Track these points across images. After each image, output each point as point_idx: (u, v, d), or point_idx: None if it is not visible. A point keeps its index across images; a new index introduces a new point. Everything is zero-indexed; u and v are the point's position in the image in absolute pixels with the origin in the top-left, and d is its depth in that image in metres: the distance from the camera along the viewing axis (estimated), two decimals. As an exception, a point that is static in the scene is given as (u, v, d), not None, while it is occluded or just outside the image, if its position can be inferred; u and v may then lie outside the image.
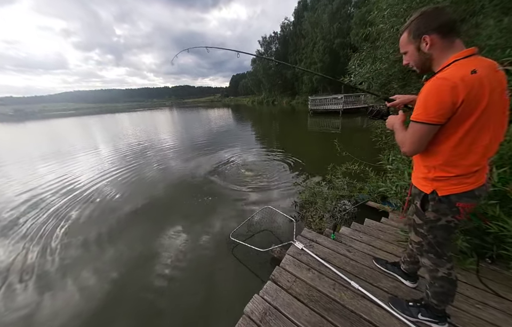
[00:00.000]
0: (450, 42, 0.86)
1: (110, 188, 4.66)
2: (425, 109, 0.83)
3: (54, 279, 2.32)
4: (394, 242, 1.97)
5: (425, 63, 0.93)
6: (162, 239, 2.86)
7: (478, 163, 0.88)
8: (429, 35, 0.86)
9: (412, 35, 0.92)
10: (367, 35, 3.49)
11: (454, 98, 0.77)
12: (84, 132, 15.60)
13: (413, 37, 0.92)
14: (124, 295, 2.10)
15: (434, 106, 0.81)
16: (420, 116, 0.85)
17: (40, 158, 7.64)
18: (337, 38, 25.94)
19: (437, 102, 0.80)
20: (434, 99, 0.81)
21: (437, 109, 0.81)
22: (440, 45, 0.86)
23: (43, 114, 70.96)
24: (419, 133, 0.88)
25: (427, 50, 0.89)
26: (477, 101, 0.78)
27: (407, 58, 0.99)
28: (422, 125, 0.85)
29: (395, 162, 2.36)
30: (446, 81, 0.78)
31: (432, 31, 0.86)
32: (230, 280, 2.19)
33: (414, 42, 0.92)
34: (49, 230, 3.20)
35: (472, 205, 0.96)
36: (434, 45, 0.87)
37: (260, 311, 1.36)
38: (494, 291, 1.42)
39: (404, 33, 0.96)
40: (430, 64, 0.92)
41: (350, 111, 15.30)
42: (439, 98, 0.80)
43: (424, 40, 0.88)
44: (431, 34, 0.86)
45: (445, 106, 0.79)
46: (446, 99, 0.78)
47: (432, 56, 0.90)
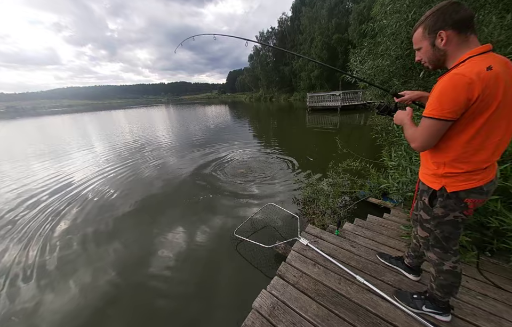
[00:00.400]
0: (466, 38, 0.85)
1: (107, 186, 4.61)
2: (440, 105, 0.83)
3: (49, 280, 2.29)
4: (397, 237, 2.01)
5: (440, 59, 0.93)
6: (164, 237, 2.86)
7: (488, 159, 0.90)
8: (445, 31, 0.86)
9: (427, 30, 0.91)
10: (366, 32, 3.49)
11: (469, 94, 0.78)
12: (79, 129, 15.34)
13: (428, 32, 0.91)
14: (125, 294, 2.09)
15: (449, 102, 0.81)
16: (433, 112, 0.85)
17: (33, 156, 7.51)
18: (335, 34, 25.84)
19: (453, 98, 0.80)
20: (450, 95, 0.80)
21: (452, 106, 0.81)
22: (456, 41, 0.86)
23: (36, 111, 69.54)
24: (432, 129, 0.88)
25: (442, 46, 0.88)
26: (492, 98, 0.79)
27: (421, 54, 0.99)
28: (435, 121, 0.86)
29: (397, 158, 2.39)
30: (463, 77, 0.78)
31: (448, 27, 0.85)
32: (235, 276, 2.21)
33: (429, 38, 0.91)
34: (42, 229, 3.16)
35: (481, 201, 0.97)
36: (450, 41, 0.86)
37: (268, 306, 1.38)
38: (494, 283, 1.47)
39: (418, 29, 0.95)
40: (444, 60, 0.92)
41: (348, 107, 15.34)
42: (455, 94, 0.79)
43: (439, 36, 0.88)
44: (448, 30, 0.85)
45: (460, 102, 0.79)
46: (462, 95, 0.78)
47: (447, 52, 0.89)
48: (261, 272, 2.19)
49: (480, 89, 0.77)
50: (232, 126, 13.14)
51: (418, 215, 1.22)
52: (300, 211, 3.19)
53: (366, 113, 13.20)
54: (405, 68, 2.87)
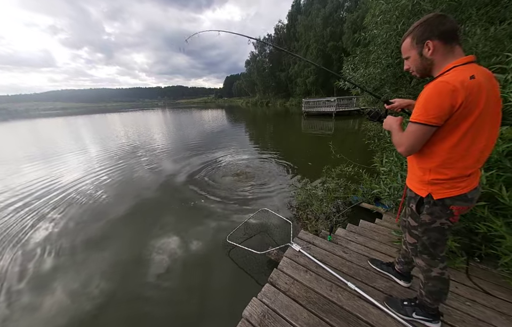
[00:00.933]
0: (451, 49, 0.89)
1: (97, 190, 4.51)
2: (425, 110, 0.86)
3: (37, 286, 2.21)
4: (388, 242, 2.02)
5: (426, 68, 0.96)
6: (155, 244, 2.79)
7: (473, 165, 0.92)
8: (432, 41, 0.89)
9: (415, 40, 0.95)
10: (359, 40, 3.59)
11: (453, 101, 0.81)
12: (71, 133, 15.06)
13: (416, 42, 0.95)
14: (114, 303, 2.02)
15: (434, 108, 0.84)
16: (420, 117, 0.88)
17: (24, 159, 7.31)
18: (330, 42, 26.44)
19: (438, 104, 0.83)
20: (435, 102, 0.84)
21: (437, 111, 0.84)
22: (442, 51, 0.90)
23: (29, 113, 68.13)
24: (417, 133, 0.91)
25: (429, 55, 0.92)
26: (475, 105, 0.82)
27: (409, 63, 1.02)
28: (420, 126, 0.89)
29: (388, 164, 2.42)
30: (447, 84, 0.81)
31: (435, 37, 0.89)
32: (227, 283, 2.17)
33: (417, 47, 0.95)
34: (23, 234, 3.06)
35: (465, 208, 0.99)
36: (436, 50, 0.90)
37: (259, 314, 1.35)
38: (483, 288, 1.48)
39: (407, 38, 0.99)
40: (431, 69, 0.96)
41: (343, 113, 15.61)
42: (439, 101, 0.83)
43: (427, 46, 0.91)
44: (434, 40, 0.89)
45: (444, 109, 0.83)
46: (446, 102, 0.82)
47: (433, 62, 0.93)
48: (253, 279, 2.16)
49: (464, 96, 0.80)
50: (228, 130, 13.15)
51: (406, 221, 1.23)
52: (294, 216, 3.18)
53: (360, 119, 13.45)
54: (396, 77, 2.95)
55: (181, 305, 1.98)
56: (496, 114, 0.89)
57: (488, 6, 2.33)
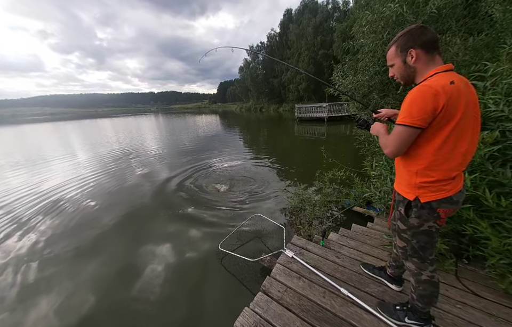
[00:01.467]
0: (432, 58, 0.95)
1: (85, 198, 4.34)
2: (410, 113, 0.90)
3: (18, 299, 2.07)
4: (380, 246, 2.03)
5: (410, 75, 1.02)
6: (145, 252, 2.69)
7: (457, 168, 0.95)
8: (415, 50, 0.95)
9: (399, 48, 1.00)
10: (348, 49, 3.70)
11: (435, 104, 0.85)
12: (60, 138, 14.57)
13: (400, 50, 1.00)
14: (102, 315, 1.93)
15: (418, 111, 0.88)
16: (405, 119, 0.92)
17: (10, 166, 6.97)
18: (321, 50, 27.25)
19: (421, 107, 0.87)
20: (419, 104, 0.87)
21: (421, 114, 0.87)
22: (424, 59, 0.95)
23: (15, 118, 65.57)
24: (402, 135, 0.94)
25: (412, 63, 0.97)
26: (455, 108, 0.86)
27: (394, 70, 1.07)
28: (406, 128, 0.92)
29: (378, 168, 2.47)
30: (430, 88, 0.85)
31: (417, 46, 0.94)
32: (219, 292, 2.10)
33: (401, 55, 1.00)
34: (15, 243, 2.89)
35: (451, 211, 1.02)
36: (419, 58, 0.96)
37: (251, 325, 1.31)
38: (472, 290, 1.50)
39: (391, 47, 1.04)
40: (414, 76, 1.01)
41: (335, 118, 15.95)
42: (423, 104, 0.86)
43: (410, 54, 0.97)
44: (417, 49, 0.94)
45: (427, 111, 0.86)
46: (429, 105, 0.85)
47: (416, 69, 0.98)
48: (245, 288, 2.10)
49: (445, 100, 0.84)
50: (221, 135, 13.11)
51: (396, 225, 1.24)
52: (287, 221, 3.16)
53: (351, 124, 13.76)
54: (383, 83, 3.05)
55: (170, 317, 1.89)
56: (476, 118, 0.93)
57: (466, 18, 2.47)
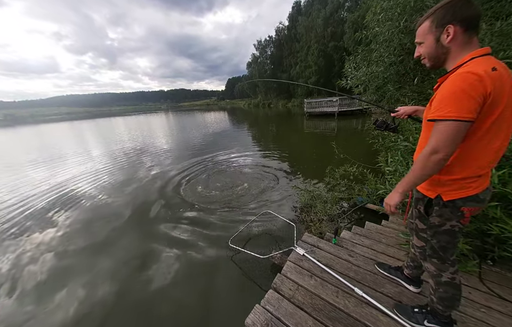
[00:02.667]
0: (470, 39, 0.83)
1: (100, 194, 4.52)
2: (457, 105, 0.75)
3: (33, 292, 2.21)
4: (396, 245, 1.95)
5: (440, 57, 0.89)
6: (157, 248, 2.76)
7: (486, 165, 0.87)
8: (454, 26, 0.82)
9: (435, 23, 0.86)
10: (361, 39, 3.54)
11: (484, 91, 0.73)
12: (78, 138, 15.27)
13: (436, 26, 0.86)
14: (113, 312, 1.98)
15: (468, 102, 0.74)
16: (451, 113, 0.76)
17: (32, 164, 7.41)
18: (331, 42, 26.41)
19: (470, 97, 0.74)
20: (467, 94, 0.74)
21: (470, 105, 0.74)
22: (460, 40, 0.83)
23: (34, 118, 69.41)
24: (451, 132, 0.78)
25: (447, 42, 0.85)
26: (499, 98, 0.75)
27: (422, 49, 0.94)
28: (454, 123, 0.77)
29: (393, 163, 2.37)
30: (474, 75, 0.74)
31: (457, 22, 0.81)
32: (230, 288, 2.12)
33: (435, 31, 0.87)
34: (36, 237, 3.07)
35: (477, 209, 0.94)
36: (455, 38, 0.83)
37: (262, 323, 1.31)
38: (498, 293, 1.41)
39: (425, 22, 0.90)
40: (445, 59, 0.88)
41: (345, 113, 15.50)
42: (472, 92, 0.74)
43: (447, 31, 0.84)
44: (456, 25, 0.81)
45: (478, 101, 0.74)
46: (478, 93, 0.73)
47: (449, 50, 0.86)
48: (256, 285, 2.11)
49: (491, 87, 0.73)
50: (230, 132, 13.16)
51: (414, 224, 1.18)
52: (297, 218, 3.13)
53: (363, 118, 13.31)
54: (399, 74, 2.89)
55: (181, 312, 1.93)
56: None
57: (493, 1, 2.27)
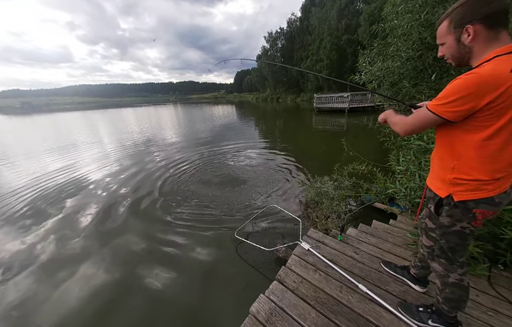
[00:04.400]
0: (496, 35, 0.77)
1: (116, 182, 4.72)
2: (443, 101, 0.81)
3: None
4: (403, 245, 1.93)
5: (464, 56, 0.85)
6: (162, 235, 2.86)
7: (502, 170, 0.83)
8: (473, 26, 0.78)
9: (453, 24, 0.83)
10: (377, 32, 3.40)
11: (479, 95, 0.74)
12: (94, 127, 15.80)
13: (454, 27, 0.83)
14: (119, 298, 2.05)
15: (457, 101, 0.78)
16: (437, 108, 0.83)
17: (45, 152, 7.79)
18: (345, 35, 25.45)
19: (463, 96, 0.76)
20: (457, 94, 0.77)
21: (455, 105, 0.78)
22: (484, 37, 0.78)
23: (50, 107, 72.08)
24: (425, 120, 0.88)
25: (468, 42, 0.81)
26: None
27: (444, 49, 0.91)
28: (434, 116, 0.85)
29: (405, 163, 2.31)
30: (476, 77, 0.74)
31: (477, 21, 0.77)
32: (235, 278, 2.18)
33: (454, 32, 0.84)
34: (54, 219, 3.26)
35: (491, 213, 0.91)
36: (477, 36, 0.79)
37: (266, 311, 1.35)
38: (506, 298, 1.38)
39: (443, 22, 0.88)
40: (469, 58, 0.85)
41: (357, 109, 15.06)
42: (461, 94, 0.76)
43: (466, 31, 0.80)
44: (476, 25, 0.77)
45: (470, 102, 0.76)
46: (469, 97, 0.75)
47: (472, 49, 0.82)
48: (260, 276, 2.16)
49: (497, 92, 0.71)
50: (238, 126, 13.18)
51: (424, 223, 1.16)
52: (303, 214, 3.14)
53: (374, 115, 12.91)
54: (416, 70, 2.77)
55: (188, 298, 2.01)
56: None
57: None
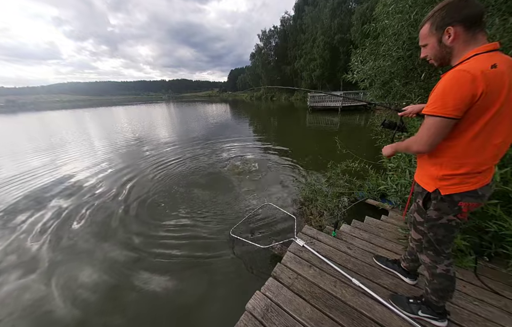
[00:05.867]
0: (474, 36, 0.82)
1: (107, 184, 4.61)
2: (443, 102, 0.81)
3: None
4: (394, 239, 1.99)
5: (445, 56, 0.90)
6: (157, 234, 2.83)
7: (487, 162, 0.88)
8: (453, 27, 0.82)
9: (434, 26, 0.88)
10: (368, 32, 3.46)
11: (473, 90, 0.76)
12: (83, 126, 15.31)
13: (435, 29, 0.88)
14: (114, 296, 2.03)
15: (453, 100, 0.79)
16: (436, 109, 0.83)
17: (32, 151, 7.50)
18: (338, 34, 25.73)
19: (457, 95, 0.78)
20: (454, 92, 0.78)
21: (456, 103, 0.78)
22: (463, 38, 0.83)
23: (36, 105, 69.27)
24: (435, 127, 0.85)
25: (449, 43, 0.86)
26: (495, 96, 0.77)
27: (426, 50, 0.96)
28: (438, 119, 0.83)
29: (396, 160, 2.37)
30: (466, 73, 0.76)
31: (457, 23, 0.82)
32: (231, 276, 2.19)
33: (436, 34, 0.88)
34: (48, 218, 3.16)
35: (475, 205, 0.96)
36: (457, 37, 0.83)
37: (262, 308, 1.36)
38: (491, 288, 1.45)
39: (425, 25, 0.92)
40: (450, 58, 0.89)
41: (349, 108, 15.32)
42: (459, 91, 0.77)
43: (447, 32, 0.85)
44: (456, 26, 0.82)
45: (464, 99, 0.77)
46: (466, 92, 0.76)
47: (453, 50, 0.87)
48: (256, 273, 2.17)
49: (484, 86, 0.75)
50: (232, 124, 13.12)
51: (412, 217, 1.20)
52: (297, 211, 3.17)
53: (366, 114, 13.17)
54: (406, 70, 2.84)
55: (183, 296, 2.00)
56: None
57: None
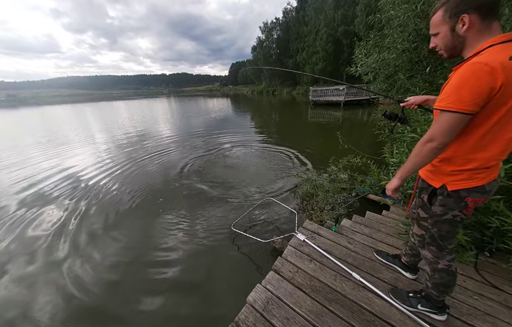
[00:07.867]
0: (489, 25, 0.78)
1: (108, 180, 4.63)
2: (459, 97, 0.76)
3: None
4: (395, 234, 1.99)
5: (457, 46, 0.86)
6: (160, 229, 2.85)
7: (496, 157, 0.86)
8: (469, 15, 0.78)
9: (448, 13, 0.83)
10: (373, 23, 3.38)
11: (492, 83, 0.71)
12: (86, 121, 15.32)
13: (449, 16, 0.82)
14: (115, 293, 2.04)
15: (471, 94, 0.74)
16: (451, 104, 0.78)
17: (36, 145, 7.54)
18: (341, 26, 25.18)
19: (474, 89, 0.74)
20: (472, 86, 0.74)
21: (473, 97, 0.74)
22: (478, 27, 0.79)
23: (37, 100, 69.23)
24: (449, 124, 0.80)
25: (463, 32, 0.81)
26: None
27: (437, 40, 0.91)
28: (454, 114, 0.78)
29: (398, 155, 2.35)
30: (485, 66, 0.72)
31: (472, 10, 0.77)
32: (232, 269, 2.21)
33: (449, 21, 0.83)
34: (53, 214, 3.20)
35: (482, 200, 0.94)
36: (472, 26, 0.79)
37: (263, 300, 1.38)
38: (491, 283, 1.45)
39: (438, 11, 0.87)
40: (462, 48, 0.85)
41: (352, 102, 15.12)
42: (477, 85, 0.73)
43: (462, 20, 0.80)
44: (471, 14, 0.77)
45: (482, 93, 0.73)
46: (485, 85, 0.72)
47: (466, 39, 0.82)
48: (257, 267, 2.19)
49: (503, 78, 0.71)
50: (233, 119, 13.05)
51: (415, 213, 1.20)
52: (298, 206, 3.18)
53: (369, 109, 13.02)
54: (411, 63, 2.78)
55: (184, 290, 2.02)
56: None
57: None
